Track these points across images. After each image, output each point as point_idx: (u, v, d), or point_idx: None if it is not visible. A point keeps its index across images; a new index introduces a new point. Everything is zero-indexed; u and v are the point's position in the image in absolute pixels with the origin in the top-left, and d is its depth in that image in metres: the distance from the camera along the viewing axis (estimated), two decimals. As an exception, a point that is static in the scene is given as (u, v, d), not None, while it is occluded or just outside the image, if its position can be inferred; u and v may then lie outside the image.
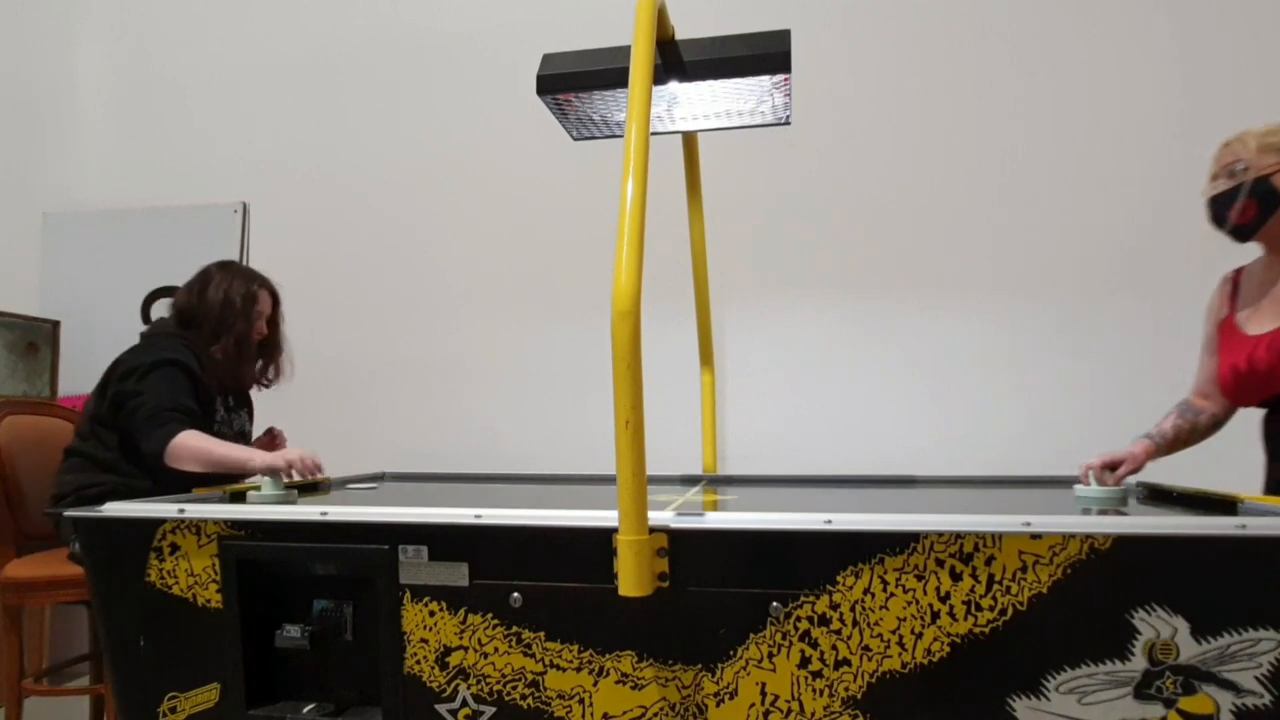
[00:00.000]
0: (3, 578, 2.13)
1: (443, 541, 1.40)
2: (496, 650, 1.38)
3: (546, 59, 1.89)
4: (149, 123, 3.56)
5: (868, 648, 1.27)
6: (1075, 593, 1.22)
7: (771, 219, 3.04)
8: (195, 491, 1.90)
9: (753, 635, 1.30)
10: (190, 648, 1.50)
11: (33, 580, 2.11)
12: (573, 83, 1.86)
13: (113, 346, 2.30)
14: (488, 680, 1.38)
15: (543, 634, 1.36)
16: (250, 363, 2.37)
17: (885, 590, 1.26)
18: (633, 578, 1.24)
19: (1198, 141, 2.78)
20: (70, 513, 1.54)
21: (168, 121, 3.55)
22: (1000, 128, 2.92)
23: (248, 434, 2.47)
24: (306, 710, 1.47)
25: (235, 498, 1.81)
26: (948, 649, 1.25)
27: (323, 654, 1.49)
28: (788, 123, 2.09)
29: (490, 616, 1.38)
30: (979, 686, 1.24)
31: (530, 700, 1.37)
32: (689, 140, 2.41)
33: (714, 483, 2.35)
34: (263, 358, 2.43)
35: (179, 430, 2.05)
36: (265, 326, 2.39)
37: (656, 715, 1.33)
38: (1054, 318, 2.85)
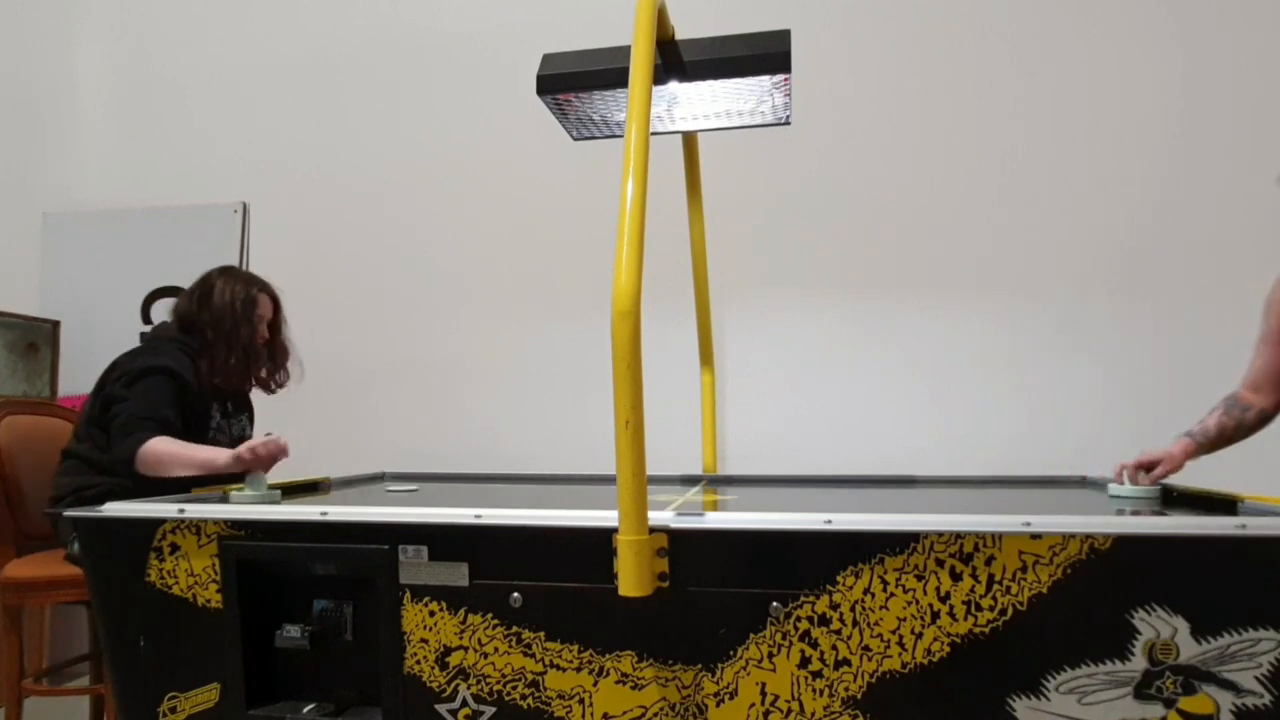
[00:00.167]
0: (3, 578, 2.13)
1: (443, 541, 1.40)
2: (496, 650, 1.38)
3: (546, 59, 1.89)
4: (149, 123, 3.56)
5: (868, 648, 1.27)
6: (1075, 593, 1.22)
7: (771, 219, 3.04)
8: (194, 492, 1.90)
9: (753, 635, 1.30)
10: (190, 648, 1.50)
11: (33, 580, 2.11)
12: (573, 83, 1.86)
13: (113, 347, 2.30)
14: (488, 680, 1.38)
15: (543, 634, 1.36)
16: (255, 366, 2.36)
17: (885, 590, 1.26)
18: (633, 578, 1.24)
19: (1198, 141, 2.80)
20: (70, 513, 1.54)
21: (168, 121, 3.55)
22: (1000, 128, 2.92)
23: (248, 439, 2.45)
24: (306, 710, 1.47)
25: (229, 489, 1.81)
26: (948, 649, 1.25)
27: (323, 654, 1.49)
28: (788, 123, 2.09)
29: (490, 616, 1.38)
30: (979, 686, 1.24)
31: (530, 700, 1.37)
32: (689, 140, 2.41)
33: (714, 483, 2.35)
34: (269, 362, 2.42)
35: (148, 437, 2.03)
36: (266, 330, 2.38)
37: (656, 715, 1.33)
38: (1054, 318, 2.85)
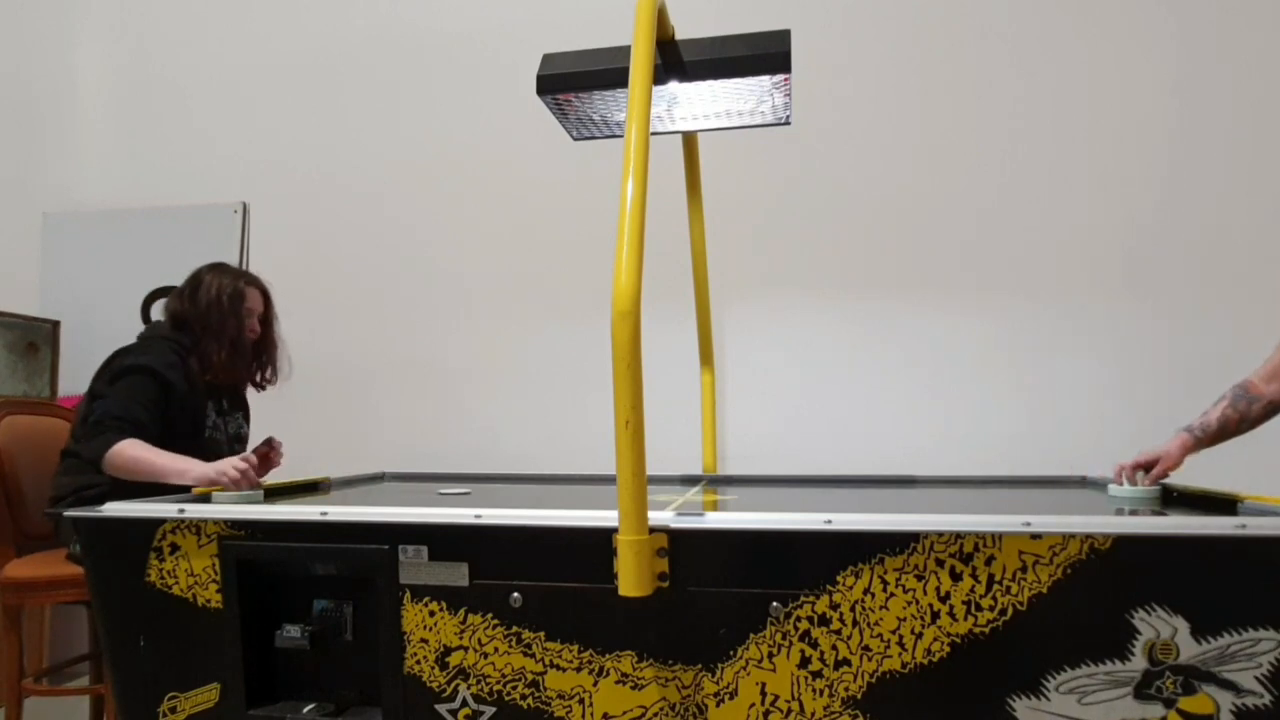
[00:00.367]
0: (3, 578, 2.13)
1: (443, 541, 1.40)
2: (496, 650, 1.38)
3: (546, 59, 1.88)
4: (149, 123, 3.56)
5: (868, 648, 1.27)
6: (1075, 593, 1.22)
7: (771, 219, 3.04)
8: (194, 491, 1.90)
9: (753, 635, 1.30)
10: (190, 648, 1.50)
11: (33, 580, 2.11)
12: (573, 83, 1.86)
13: (112, 347, 2.29)
14: (488, 680, 1.38)
15: (543, 634, 1.36)
16: (245, 361, 2.35)
17: (885, 590, 1.26)
18: (633, 578, 1.24)
19: (1198, 141, 2.80)
20: (71, 513, 1.54)
21: (168, 121, 3.55)
22: (1000, 128, 2.91)
23: (244, 437, 2.45)
24: (306, 710, 1.47)
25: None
26: (948, 649, 1.25)
27: (323, 654, 1.49)
28: (788, 123, 2.09)
29: (490, 616, 1.38)
30: (979, 686, 1.24)
31: (530, 700, 1.37)
32: (689, 140, 2.41)
33: (714, 483, 2.35)
34: (260, 358, 2.41)
35: (117, 440, 2.01)
36: (258, 325, 2.37)
37: (656, 715, 1.33)
38: (1054, 318, 2.85)
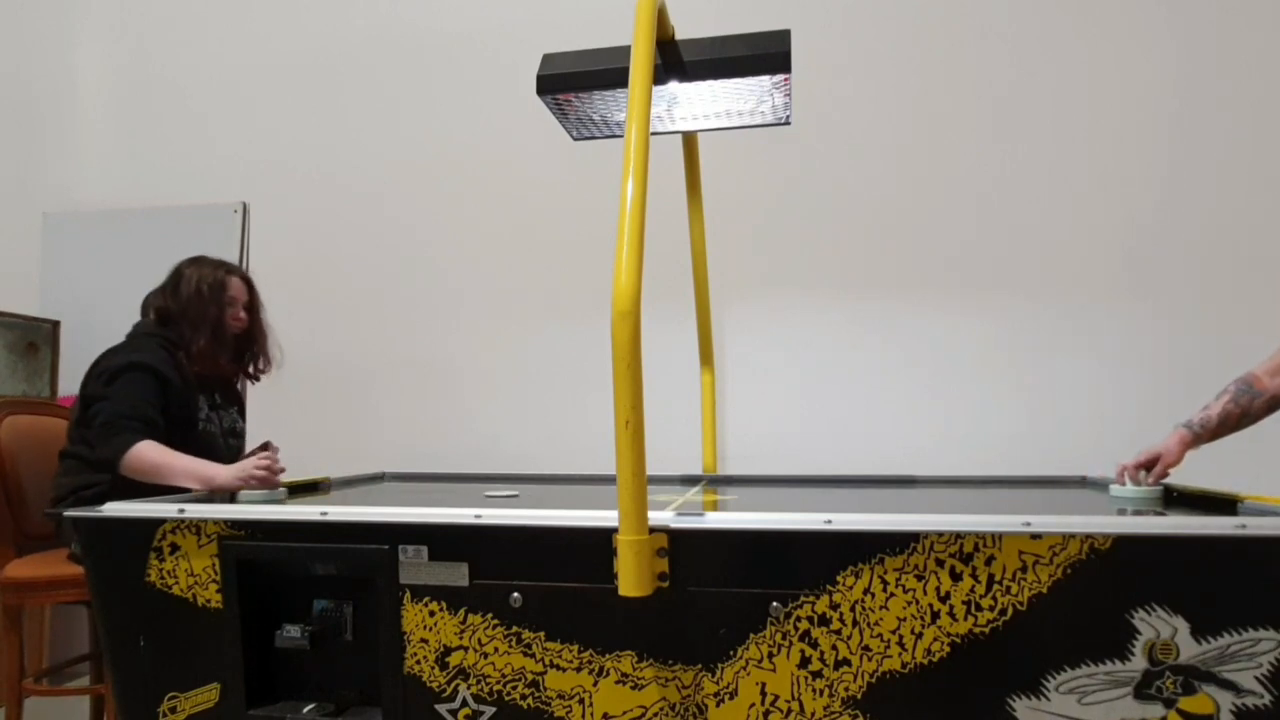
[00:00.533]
0: (3, 578, 2.13)
1: (443, 541, 1.40)
2: (496, 650, 1.38)
3: (546, 59, 1.88)
4: (149, 123, 3.56)
5: (868, 648, 1.27)
6: (1075, 593, 1.22)
7: (771, 219, 3.04)
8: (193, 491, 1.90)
9: (753, 635, 1.30)
10: (190, 648, 1.50)
11: (33, 580, 2.11)
12: (573, 83, 1.86)
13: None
14: (488, 680, 1.38)
15: (543, 634, 1.36)
16: (227, 349, 2.31)
17: (885, 590, 1.26)
18: (633, 578, 1.24)
19: (1197, 141, 2.80)
20: (71, 513, 1.54)
21: (168, 121, 3.54)
22: (1000, 128, 2.91)
23: (240, 431, 2.43)
24: (306, 710, 1.47)
25: (234, 497, 1.81)
26: (948, 649, 1.25)
27: (323, 654, 1.49)
28: (788, 123, 2.09)
29: (490, 616, 1.38)
30: (979, 686, 1.24)
31: (530, 700, 1.37)
32: (689, 140, 2.41)
33: (714, 483, 2.35)
34: (248, 347, 2.38)
35: (135, 440, 1.99)
36: (243, 313, 2.34)
37: (656, 715, 1.33)
38: (1054, 318, 2.85)
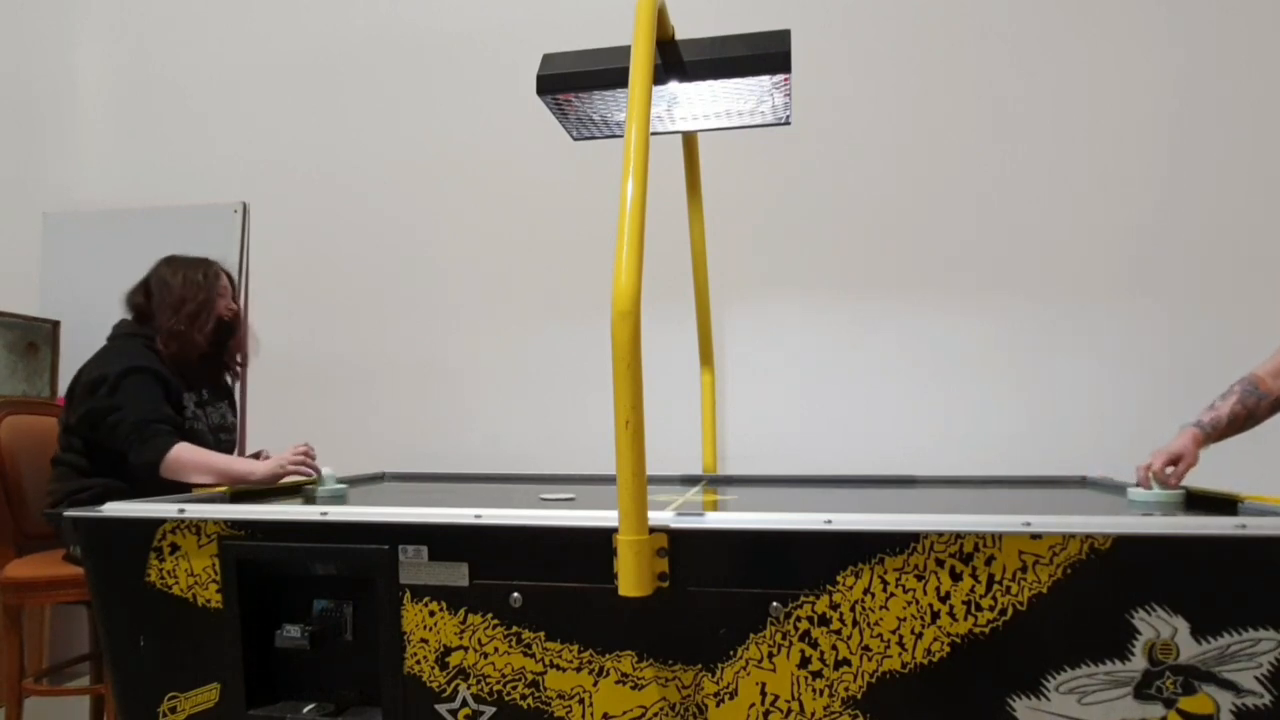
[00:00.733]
0: (3, 578, 2.13)
1: (443, 541, 1.40)
2: (496, 650, 1.38)
3: (546, 59, 1.88)
4: (149, 123, 3.56)
5: (868, 648, 1.27)
6: (1075, 593, 1.22)
7: (771, 219, 3.04)
8: (195, 491, 1.90)
9: (753, 635, 1.30)
10: (190, 648, 1.50)
11: (33, 580, 2.11)
12: (573, 83, 1.86)
13: (112, 347, 2.29)
14: (488, 680, 1.38)
15: (543, 634, 1.36)
16: (204, 332, 2.27)
17: (885, 590, 1.26)
18: (633, 578, 1.24)
19: (1197, 141, 2.80)
20: (71, 513, 1.54)
21: (168, 121, 3.55)
22: (1000, 128, 2.92)
23: (231, 426, 2.41)
24: (306, 710, 1.47)
25: (237, 498, 1.81)
26: (948, 649, 1.25)
27: (323, 654, 1.49)
28: (788, 123, 2.09)
29: (490, 616, 1.38)
30: (979, 686, 1.24)
31: (530, 700, 1.37)
32: (689, 140, 2.41)
33: (714, 483, 2.35)
34: (229, 336, 2.36)
35: (172, 442, 2.04)
36: (221, 306, 2.32)
37: (656, 715, 1.33)
38: (1054, 318, 2.85)
